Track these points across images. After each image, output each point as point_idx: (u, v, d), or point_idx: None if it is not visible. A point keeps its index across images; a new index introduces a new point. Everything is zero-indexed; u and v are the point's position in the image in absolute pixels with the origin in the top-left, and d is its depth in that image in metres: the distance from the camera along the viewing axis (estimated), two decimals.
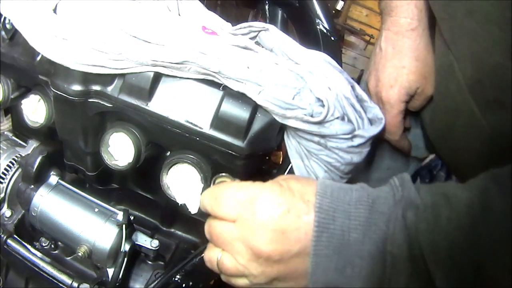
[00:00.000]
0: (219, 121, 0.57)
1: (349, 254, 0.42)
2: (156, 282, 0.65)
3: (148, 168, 0.66)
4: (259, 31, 0.64)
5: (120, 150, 0.63)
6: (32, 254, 0.66)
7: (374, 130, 0.60)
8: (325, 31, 0.80)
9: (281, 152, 0.71)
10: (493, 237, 0.37)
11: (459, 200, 0.40)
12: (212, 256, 0.49)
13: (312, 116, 0.56)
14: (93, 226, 0.63)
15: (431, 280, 0.39)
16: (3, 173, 0.72)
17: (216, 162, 0.60)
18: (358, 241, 0.42)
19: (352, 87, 0.61)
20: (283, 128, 0.61)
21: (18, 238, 0.68)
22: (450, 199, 0.40)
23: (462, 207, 0.39)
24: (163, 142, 0.64)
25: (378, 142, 0.90)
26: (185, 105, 0.58)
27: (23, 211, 0.71)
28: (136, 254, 0.69)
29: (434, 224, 0.39)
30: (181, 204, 0.60)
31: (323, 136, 0.58)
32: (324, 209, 0.44)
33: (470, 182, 0.41)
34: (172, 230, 0.76)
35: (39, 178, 0.67)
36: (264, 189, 0.47)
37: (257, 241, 0.45)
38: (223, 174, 0.58)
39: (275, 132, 0.60)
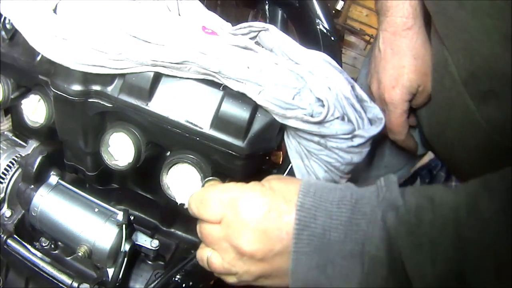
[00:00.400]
0: (219, 121, 0.57)
1: (330, 253, 0.43)
2: (156, 282, 0.65)
3: (148, 168, 0.66)
4: (259, 31, 0.64)
5: (120, 150, 0.63)
6: (32, 254, 0.66)
7: (374, 130, 0.60)
8: (325, 31, 0.80)
9: (281, 152, 0.71)
10: (478, 245, 0.36)
11: (444, 204, 0.39)
12: (203, 255, 0.51)
13: (312, 116, 0.56)
14: (93, 226, 0.63)
15: (409, 283, 0.39)
16: (3, 173, 0.72)
17: (216, 162, 0.60)
18: (339, 240, 0.42)
19: (352, 87, 0.61)
20: (283, 128, 0.61)
21: (18, 238, 0.68)
22: (435, 202, 0.39)
23: (447, 211, 0.38)
24: (163, 142, 0.64)
25: (377, 141, 0.90)
26: (185, 105, 0.58)
27: (23, 211, 0.71)
28: (136, 254, 0.69)
29: (417, 227, 0.39)
30: (180, 204, 0.60)
31: (323, 136, 0.58)
32: (306, 207, 0.44)
33: (460, 186, 0.41)
34: (172, 230, 0.76)
35: (39, 178, 0.67)
36: (246, 190, 0.48)
37: (240, 241, 0.46)
38: (212, 178, 0.58)
39: (275, 132, 0.60)
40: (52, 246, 0.71)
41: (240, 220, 0.46)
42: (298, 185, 0.46)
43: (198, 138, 0.58)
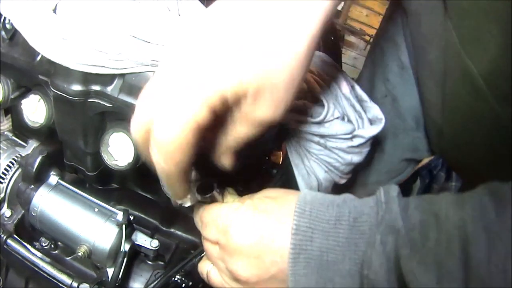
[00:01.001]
0: None
1: (328, 273, 0.42)
2: (156, 282, 0.65)
3: (148, 168, 0.66)
4: None
5: (120, 150, 0.63)
6: (32, 254, 0.66)
7: (374, 130, 0.60)
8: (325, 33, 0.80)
9: (281, 152, 0.71)
10: (485, 263, 0.34)
11: (449, 220, 0.37)
12: (203, 268, 0.52)
13: (312, 116, 0.56)
14: (93, 226, 0.63)
15: None
16: (3, 173, 0.72)
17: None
18: (337, 261, 0.42)
19: (352, 87, 0.61)
20: (282, 128, 0.61)
21: (18, 238, 0.68)
22: (440, 218, 0.38)
23: (452, 229, 0.37)
24: None
25: (376, 145, 0.89)
26: None
27: (23, 211, 0.71)
28: (136, 254, 0.69)
29: (422, 245, 0.37)
30: (180, 204, 0.60)
31: (323, 136, 0.58)
32: (302, 230, 0.43)
33: (466, 196, 0.39)
34: (172, 230, 0.76)
35: (39, 178, 0.67)
36: (238, 215, 0.47)
37: (234, 266, 0.46)
38: (202, 181, 0.56)
39: (275, 132, 0.60)
40: (52, 246, 0.71)
41: (233, 247, 0.46)
42: (294, 204, 0.45)
43: None
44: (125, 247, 0.63)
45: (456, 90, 0.62)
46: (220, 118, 0.40)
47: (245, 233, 0.46)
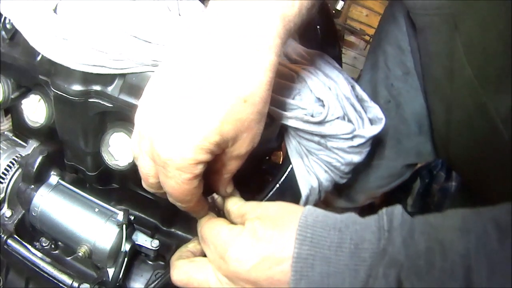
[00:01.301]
0: None
1: None
2: (157, 282, 0.65)
3: None
4: None
5: (120, 150, 0.63)
6: (32, 254, 0.66)
7: (374, 130, 0.60)
8: (325, 31, 0.80)
9: (281, 152, 0.71)
10: None
11: (454, 249, 0.38)
12: (201, 274, 0.52)
13: (312, 116, 0.56)
14: (93, 226, 0.63)
15: None
16: (3, 173, 0.72)
17: None
18: (338, 285, 0.42)
19: (352, 87, 0.61)
20: (283, 128, 0.61)
21: (18, 238, 0.68)
22: (445, 247, 0.39)
23: (457, 258, 0.38)
24: None
25: (377, 150, 0.89)
26: None
27: (23, 211, 0.71)
28: (137, 254, 0.69)
29: (427, 272, 0.38)
30: None
31: (323, 136, 0.58)
32: (303, 257, 0.44)
33: (471, 223, 0.40)
34: (172, 230, 0.76)
35: (39, 178, 0.67)
36: (237, 242, 0.47)
37: (234, 285, 0.47)
38: None
39: (275, 132, 0.60)
40: (53, 246, 0.71)
41: (230, 270, 0.47)
42: (295, 228, 0.45)
43: None
44: (126, 247, 0.63)
45: (466, 116, 0.62)
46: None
47: (242, 260, 0.46)
